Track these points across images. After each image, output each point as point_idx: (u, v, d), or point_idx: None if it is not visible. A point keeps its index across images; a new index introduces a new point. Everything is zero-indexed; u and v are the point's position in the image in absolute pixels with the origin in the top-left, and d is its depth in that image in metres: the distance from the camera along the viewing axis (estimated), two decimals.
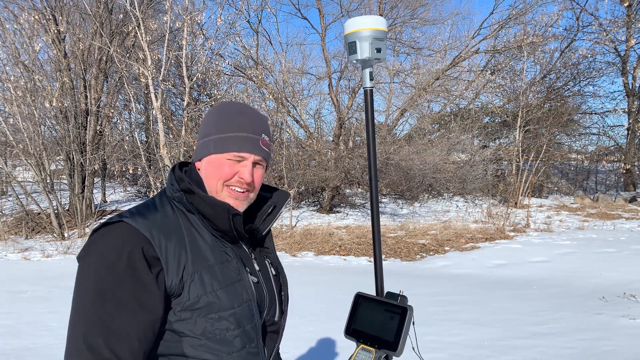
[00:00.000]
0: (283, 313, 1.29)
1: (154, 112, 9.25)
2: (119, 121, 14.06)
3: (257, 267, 1.22)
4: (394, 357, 1.30)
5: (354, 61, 1.40)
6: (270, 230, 1.31)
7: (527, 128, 15.67)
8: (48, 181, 9.86)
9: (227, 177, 1.15)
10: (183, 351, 1.08)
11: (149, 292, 1.02)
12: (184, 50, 9.50)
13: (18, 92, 9.48)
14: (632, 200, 15.02)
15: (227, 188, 1.16)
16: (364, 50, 1.36)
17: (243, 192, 1.17)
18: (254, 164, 1.18)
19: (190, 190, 1.14)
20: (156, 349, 1.08)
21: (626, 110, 17.69)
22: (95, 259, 1.03)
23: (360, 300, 1.39)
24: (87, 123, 10.75)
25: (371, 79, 1.42)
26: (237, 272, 1.13)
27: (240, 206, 1.18)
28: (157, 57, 10.07)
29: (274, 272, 1.28)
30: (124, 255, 1.01)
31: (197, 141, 1.21)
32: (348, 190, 15.04)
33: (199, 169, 1.19)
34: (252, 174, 1.16)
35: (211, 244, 1.13)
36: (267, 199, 1.31)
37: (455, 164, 14.61)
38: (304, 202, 14.29)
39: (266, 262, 1.28)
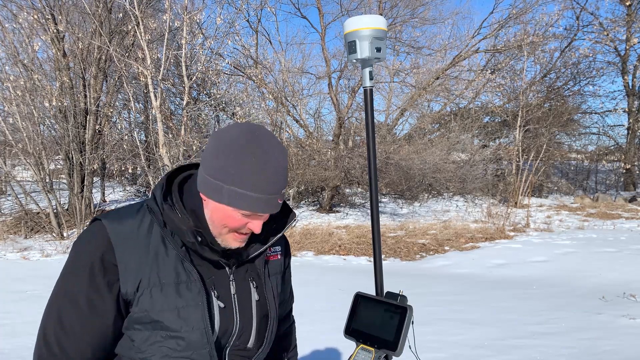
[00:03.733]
0: (262, 342, 1.20)
1: (153, 111, 9.24)
2: (118, 120, 14.06)
3: (232, 291, 1.14)
4: (393, 357, 1.30)
5: (354, 60, 1.39)
6: (264, 253, 1.20)
7: (527, 128, 15.67)
8: (47, 180, 9.84)
9: (237, 228, 1.08)
10: (133, 357, 1.09)
11: (101, 296, 1.04)
12: (183, 50, 9.48)
13: (17, 92, 9.46)
14: (632, 199, 15.02)
15: (233, 233, 1.10)
16: (363, 50, 1.36)
17: (247, 234, 1.12)
18: None
19: (162, 202, 1.08)
20: (115, 347, 1.11)
21: (626, 109, 17.70)
22: (72, 252, 1.09)
23: (359, 300, 1.38)
24: (86, 122, 10.73)
25: (371, 79, 1.41)
26: (194, 296, 1.07)
27: (242, 245, 1.13)
28: (156, 56, 10.06)
29: (257, 297, 1.18)
30: (87, 257, 1.05)
31: (205, 170, 1.05)
32: (348, 190, 15.04)
33: (203, 200, 1.09)
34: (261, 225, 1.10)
35: (175, 262, 1.07)
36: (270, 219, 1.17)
37: (455, 164, 14.61)
38: (303, 201, 14.29)
39: (251, 284, 1.18)
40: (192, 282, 1.07)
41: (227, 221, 1.06)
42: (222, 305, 1.12)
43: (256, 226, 1.08)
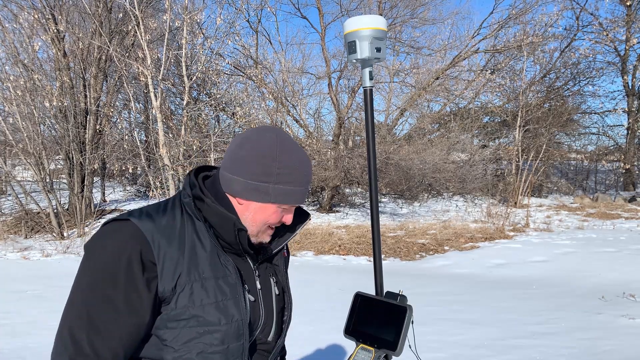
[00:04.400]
0: (280, 334, 1.27)
1: (154, 111, 9.24)
2: (118, 120, 14.05)
3: (258, 285, 1.20)
4: (393, 356, 1.30)
5: (354, 60, 1.40)
6: (283, 248, 1.29)
7: (526, 128, 15.68)
8: (47, 180, 9.84)
9: (275, 223, 1.18)
10: (163, 358, 1.08)
11: (138, 295, 1.03)
12: (183, 50, 9.49)
13: (17, 91, 9.46)
14: (632, 199, 15.02)
15: (268, 229, 1.19)
16: (363, 50, 1.36)
17: (274, 228, 1.21)
18: None
19: (200, 197, 1.13)
20: (140, 351, 1.10)
21: (626, 110, 17.71)
22: (97, 254, 1.06)
23: (359, 299, 1.38)
24: (86, 122, 10.73)
25: (371, 79, 1.42)
26: (232, 289, 1.11)
27: (270, 238, 1.22)
28: (156, 56, 10.06)
29: (277, 292, 1.26)
30: (122, 256, 1.03)
31: (245, 177, 1.12)
32: (348, 190, 15.04)
33: (240, 203, 1.15)
34: None
35: (211, 256, 1.11)
36: None
37: (455, 164, 14.61)
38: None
39: (271, 279, 1.26)
40: (229, 275, 1.12)
41: (270, 218, 1.15)
42: (252, 298, 1.17)
43: (289, 218, 1.19)
